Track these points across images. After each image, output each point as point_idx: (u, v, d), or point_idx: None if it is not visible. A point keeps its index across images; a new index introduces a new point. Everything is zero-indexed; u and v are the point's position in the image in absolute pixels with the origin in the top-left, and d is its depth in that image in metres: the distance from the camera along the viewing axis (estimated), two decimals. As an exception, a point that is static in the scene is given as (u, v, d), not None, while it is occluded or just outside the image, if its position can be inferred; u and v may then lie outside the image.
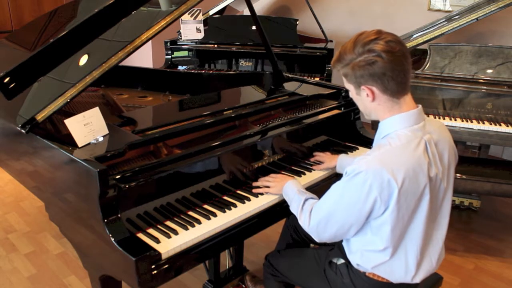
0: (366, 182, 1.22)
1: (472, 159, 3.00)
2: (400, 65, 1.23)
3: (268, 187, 1.64)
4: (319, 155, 1.90)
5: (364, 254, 1.38)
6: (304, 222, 1.44)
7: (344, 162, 1.80)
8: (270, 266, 1.73)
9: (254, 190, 1.64)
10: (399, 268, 1.36)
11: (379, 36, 1.23)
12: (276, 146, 1.81)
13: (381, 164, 1.22)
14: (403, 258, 1.35)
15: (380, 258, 1.35)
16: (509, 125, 2.60)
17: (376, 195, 1.23)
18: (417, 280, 1.39)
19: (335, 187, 1.34)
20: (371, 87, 1.27)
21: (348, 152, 2.03)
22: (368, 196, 1.24)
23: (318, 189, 1.72)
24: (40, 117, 1.58)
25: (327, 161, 1.85)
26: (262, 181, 1.68)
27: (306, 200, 1.47)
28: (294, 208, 1.50)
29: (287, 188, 1.57)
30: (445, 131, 1.39)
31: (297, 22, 3.90)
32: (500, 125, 2.61)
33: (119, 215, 1.33)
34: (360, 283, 1.44)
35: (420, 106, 1.34)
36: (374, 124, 2.79)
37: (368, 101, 1.31)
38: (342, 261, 1.51)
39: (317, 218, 1.38)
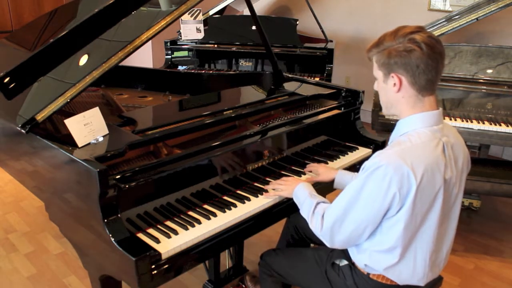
0: (386, 176, 1.22)
1: (472, 159, 2.98)
2: (435, 62, 1.24)
3: (279, 190, 1.62)
4: (314, 166, 1.81)
5: (372, 255, 1.37)
6: (316, 226, 1.41)
7: (344, 179, 1.71)
8: (266, 266, 1.71)
9: (264, 194, 1.62)
10: (407, 270, 1.36)
11: (422, 30, 1.25)
12: (276, 146, 1.81)
13: (401, 159, 1.22)
14: (412, 260, 1.34)
15: (389, 259, 1.34)
16: (509, 125, 2.60)
17: (395, 190, 1.22)
18: (422, 283, 1.39)
19: (352, 184, 1.31)
20: (401, 76, 1.27)
21: (348, 152, 2.03)
22: (387, 191, 1.23)
23: (319, 189, 1.71)
24: (40, 117, 1.58)
25: (323, 174, 1.76)
26: (273, 184, 1.66)
27: (318, 203, 1.45)
28: (304, 212, 1.48)
29: (298, 191, 1.54)
30: (460, 138, 1.40)
31: (297, 22, 3.90)
32: (500, 125, 2.61)
33: (119, 215, 1.33)
34: (364, 285, 1.43)
35: (441, 108, 1.34)
36: (374, 124, 2.79)
37: (393, 91, 1.30)
38: (345, 262, 1.50)
39: (332, 219, 1.34)
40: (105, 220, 1.30)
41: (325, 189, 1.78)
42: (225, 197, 1.62)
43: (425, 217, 1.30)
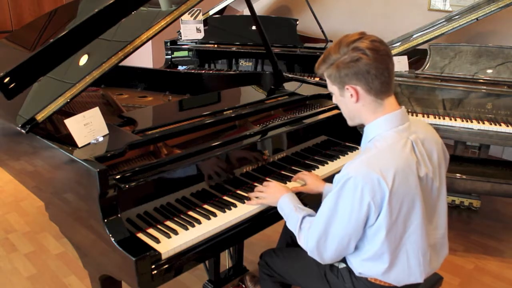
0: (357, 187, 1.21)
1: (472, 159, 3.00)
2: (384, 64, 1.24)
3: (261, 197, 1.58)
4: (304, 175, 1.73)
5: (363, 264, 1.37)
6: (304, 242, 1.40)
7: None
8: (266, 266, 1.71)
9: (246, 203, 1.58)
10: (402, 273, 1.35)
11: (363, 36, 1.26)
12: (276, 146, 1.81)
13: (369, 167, 1.21)
14: (406, 263, 1.34)
15: (379, 265, 1.33)
16: (509, 125, 2.60)
17: (369, 200, 1.21)
18: (421, 279, 1.39)
19: (327, 200, 1.31)
20: (355, 86, 1.27)
21: (348, 152, 2.03)
22: (361, 202, 1.22)
23: (306, 196, 1.71)
24: (40, 117, 1.58)
25: (311, 184, 1.70)
26: (255, 192, 1.61)
27: (303, 218, 1.43)
28: (291, 226, 1.46)
29: (283, 203, 1.51)
30: (431, 130, 1.39)
31: (297, 22, 3.90)
32: (500, 125, 2.61)
33: (119, 215, 1.33)
34: None
35: (403, 107, 1.34)
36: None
37: (352, 102, 1.31)
38: (343, 265, 1.49)
39: (315, 238, 1.34)
40: (105, 220, 1.30)
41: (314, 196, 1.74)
42: (225, 197, 1.62)
43: (408, 218, 1.29)
